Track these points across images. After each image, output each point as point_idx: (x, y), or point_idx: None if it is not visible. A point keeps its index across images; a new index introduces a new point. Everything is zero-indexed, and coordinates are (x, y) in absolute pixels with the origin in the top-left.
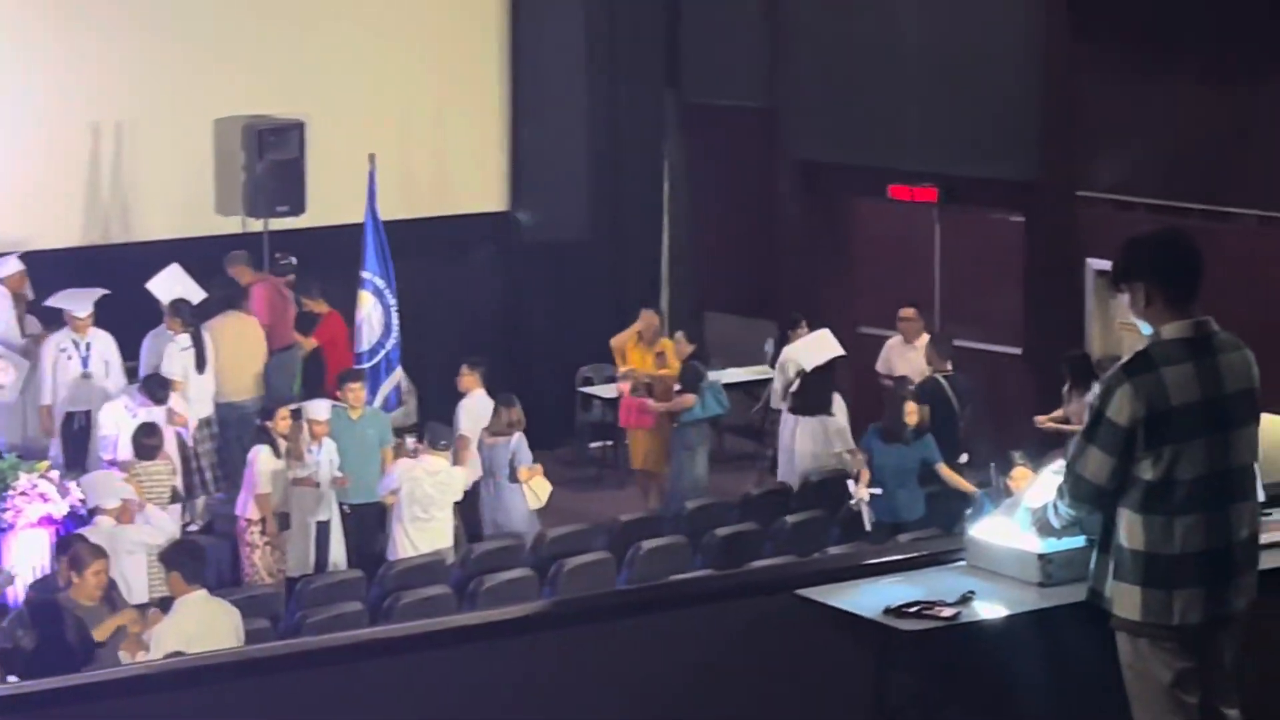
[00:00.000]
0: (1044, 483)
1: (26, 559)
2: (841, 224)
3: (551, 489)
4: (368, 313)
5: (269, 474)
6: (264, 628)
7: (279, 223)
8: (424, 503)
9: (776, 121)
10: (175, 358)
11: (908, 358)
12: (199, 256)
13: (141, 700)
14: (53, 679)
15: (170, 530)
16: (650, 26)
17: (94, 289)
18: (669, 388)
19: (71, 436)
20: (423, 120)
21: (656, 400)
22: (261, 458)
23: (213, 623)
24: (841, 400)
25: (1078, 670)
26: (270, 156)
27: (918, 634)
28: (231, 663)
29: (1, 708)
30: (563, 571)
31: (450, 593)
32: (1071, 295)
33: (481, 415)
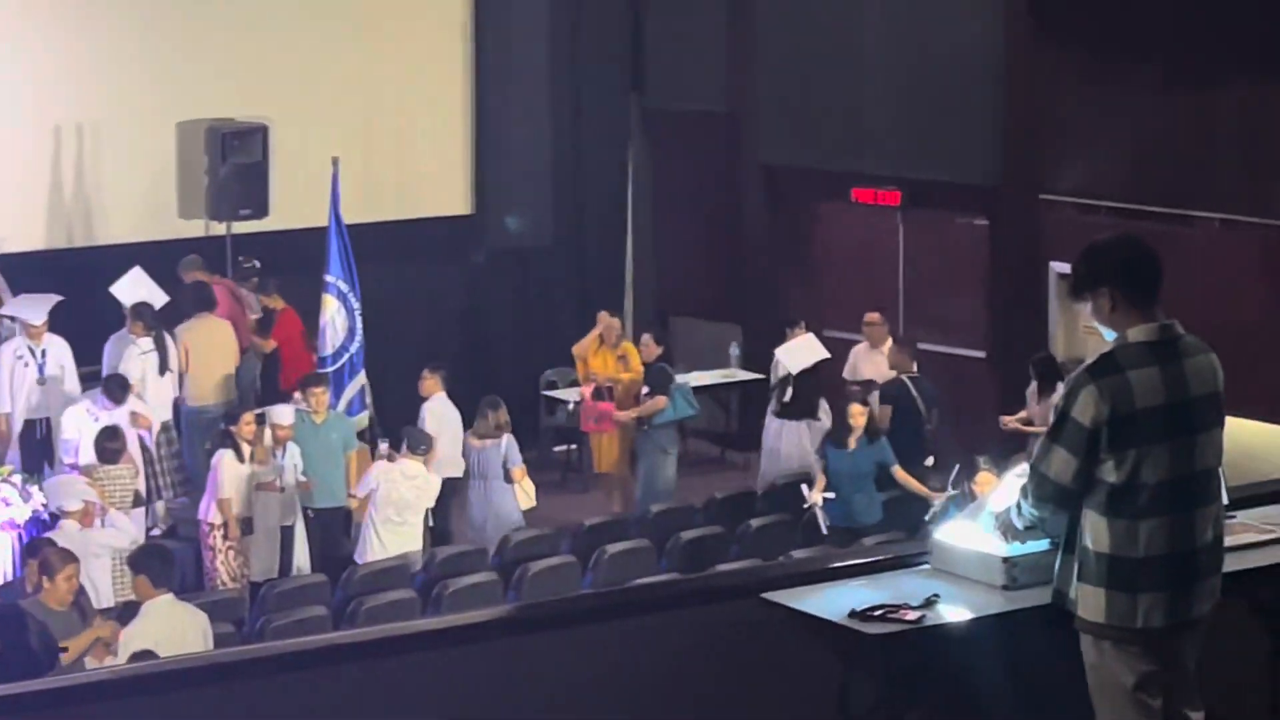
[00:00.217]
0: (1008, 486)
1: None
2: (805, 228)
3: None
4: (331, 316)
5: (232, 478)
6: (228, 632)
7: (242, 226)
8: (399, 505)
9: (740, 126)
10: (135, 361)
11: (874, 362)
12: (162, 260)
13: (108, 705)
14: (16, 684)
15: (133, 533)
16: (614, 31)
17: (49, 295)
18: (632, 391)
19: (34, 445)
20: (387, 124)
21: (620, 403)
22: (225, 462)
23: (180, 627)
24: (827, 404)
25: (1042, 673)
26: (233, 160)
27: (883, 637)
28: (199, 667)
29: None
30: (527, 576)
31: (414, 597)
32: (1035, 298)
33: (443, 418)
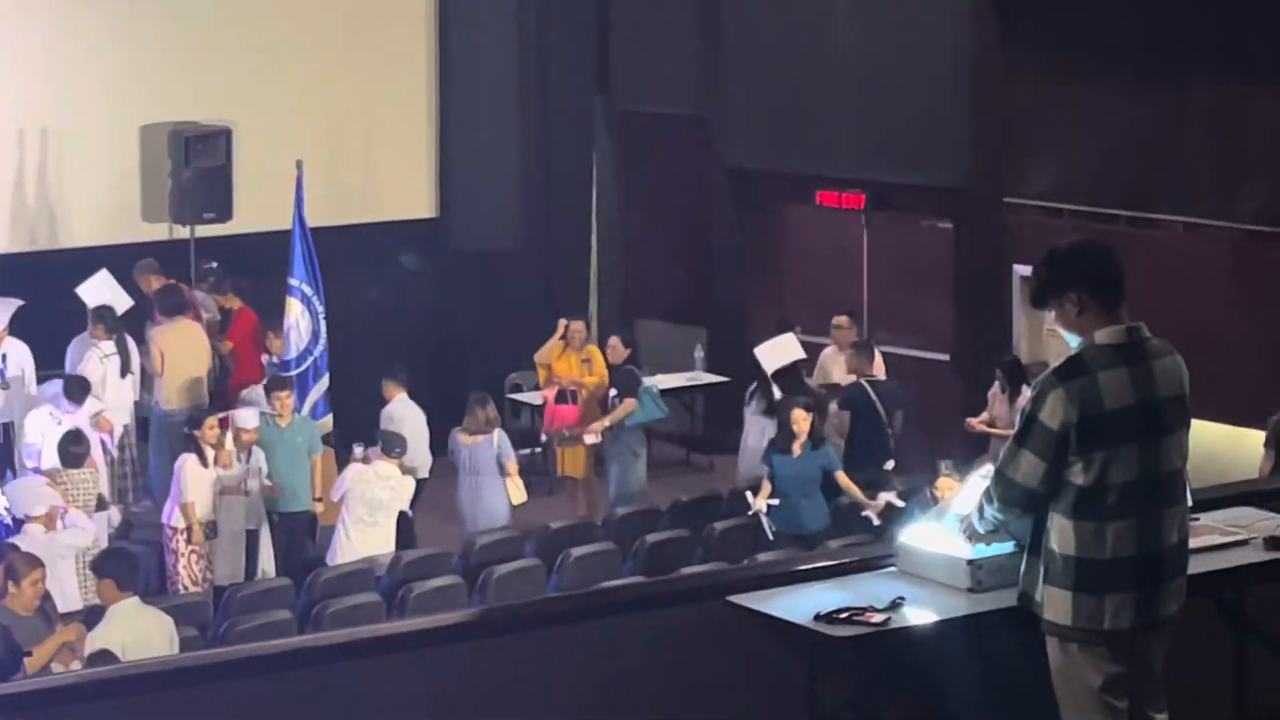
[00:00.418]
0: (973, 487)
1: None
2: (772, 231)
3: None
4: (295, 320)
5: (195, 482)
6: (192, 636)
7: (206, 229)
8: (370, 505)
9: (707, 128)
10: (95, 363)
11: (843, 365)
12: (126, 263)
13: (74, 709)
14: None
15: (94, 531)
16: (581, 33)
17: (11, 300)
18: (597, 396)
19: None
20: (351, 127)
21: (585, 408)
22: (187, 466)
23: (147, 630)
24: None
25: (1008, 675)
26: (197, 163)
27: (849, 640)
28: (165, 671)
29: None
30: (492, 579)
31: (379, 600)
32: (999, 301)
33: (402, 421)
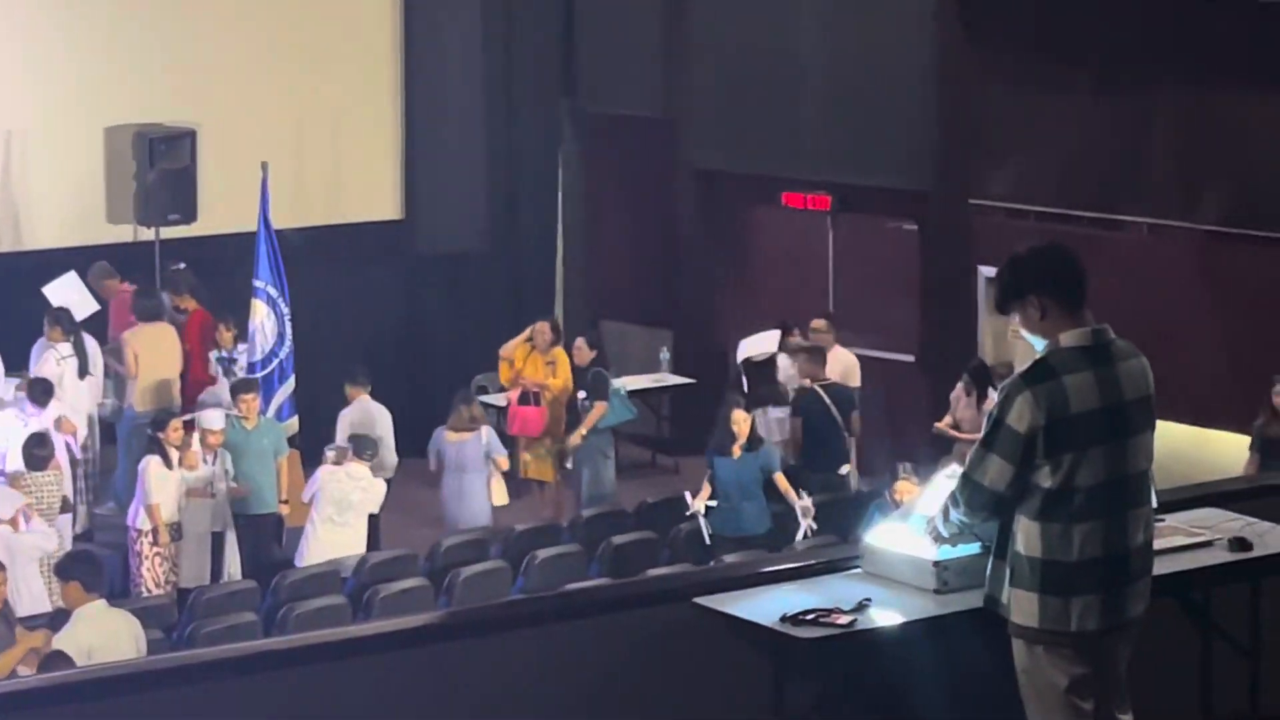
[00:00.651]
0: (938, 488)
1: None
2: (738, 233)
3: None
4: (261, 321)
5: (160, 484)
6: (157, 638)
7: (171, 231)
8: (340, 505)
9: (673, 130)
10: (52, 365)
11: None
12: (90, 265)
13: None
14: None
15: (58, 534)
16: (547, 35)
17: None
18: (562, 399)
19: None
20: (316, 128)
21: (551, 410)
22: (152, 467)
23: (114, 633)
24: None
25: (974, 677)
26: (161, 164)
27: (815, 641)
28: (132, 674)
29: None
30: (458, 581)
31: (345, 603)
32: (964, 303)
33: (360, 424)
